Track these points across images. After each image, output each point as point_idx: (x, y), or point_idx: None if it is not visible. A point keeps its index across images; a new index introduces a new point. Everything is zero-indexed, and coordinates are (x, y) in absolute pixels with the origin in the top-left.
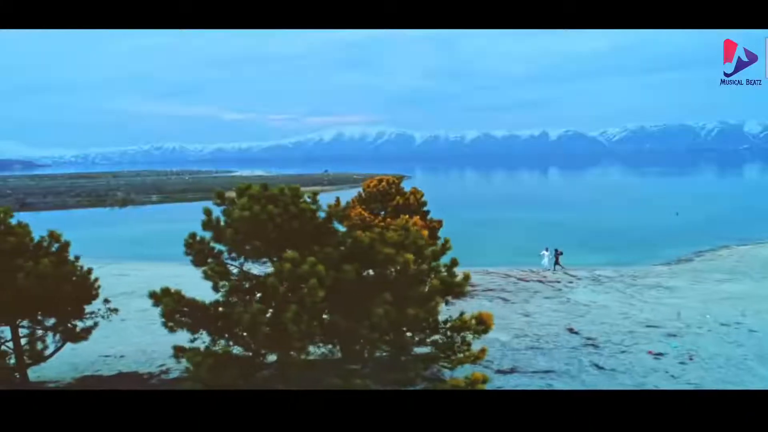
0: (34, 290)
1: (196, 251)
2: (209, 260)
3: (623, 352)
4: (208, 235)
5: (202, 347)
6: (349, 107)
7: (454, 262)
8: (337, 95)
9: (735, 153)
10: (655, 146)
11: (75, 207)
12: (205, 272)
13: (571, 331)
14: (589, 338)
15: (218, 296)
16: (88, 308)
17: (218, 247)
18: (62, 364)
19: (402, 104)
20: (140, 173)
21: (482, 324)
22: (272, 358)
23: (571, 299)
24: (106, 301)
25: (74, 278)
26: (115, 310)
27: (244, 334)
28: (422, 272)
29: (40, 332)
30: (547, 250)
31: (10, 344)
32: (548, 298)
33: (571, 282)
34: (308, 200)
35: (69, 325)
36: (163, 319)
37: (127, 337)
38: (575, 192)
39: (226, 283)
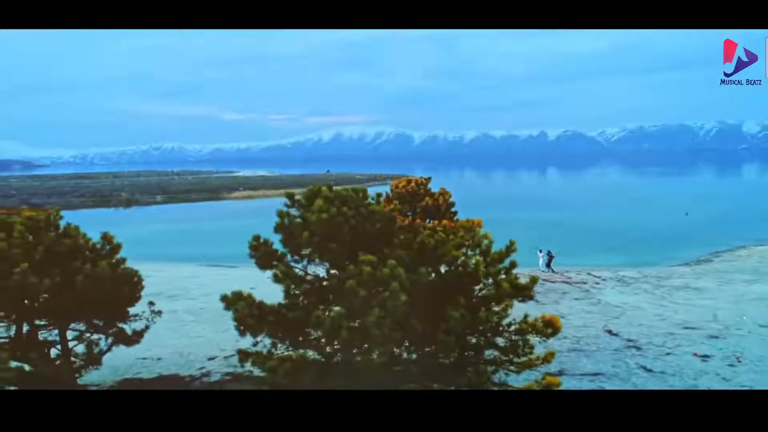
0: (91, 293)
1: (262, 254)
2: (274, 263)
3: (668, 354)
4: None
5: (263, 351)
6: (348, 107)
7: (513, 264)
8: (336, 95)
9: (734, 153)
10: (654, 146)
11: (79, 207)
12: (275, 275)
13: (609, 332)
14: (629, 340)
15: (282, 299)
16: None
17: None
18: (102, 367)
19: (401, 104)
20: (141, 173)
21: (550, 326)
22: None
23: (602, 300)
24: (151, 303)
25: (127, 280)
26: (159, 313)
27: (311, 337)
28: (489, 274)
29: (90, 335)
30: (541, 251)
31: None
32: (578, 300)
33: (597, 283)
34: (372, 201)
35: (117, 327)
36: (235, 323)
37: (161, 339)
38: (579, 192)
39: (293, 285)
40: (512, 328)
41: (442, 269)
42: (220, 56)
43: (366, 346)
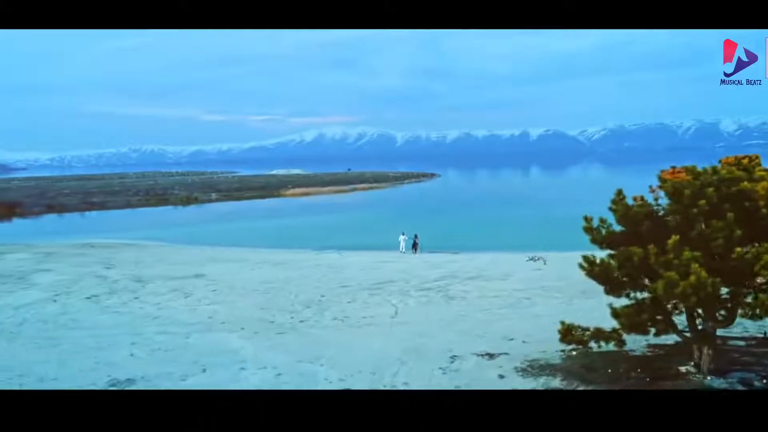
0: None
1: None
2: None
3: None
4: None
5: None
6: (330, 108)
7: None
8: (318, 96)
9: (713, 151)
10: (634, 144)
11: (140, 206)
12: None
13: None
14: None
15: None
16: None
17: None
18: None
19: (384, 104)
20: (146, 174)
21: None
22: None
23: None
24: None
25: None
26: None
27: None
28: None
29: None
30: (403, 234)
31: None
32: None
33: None
34: None
35: None
36: None
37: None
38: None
39: None
40: None
41: None
42: (200, 57)
43: None
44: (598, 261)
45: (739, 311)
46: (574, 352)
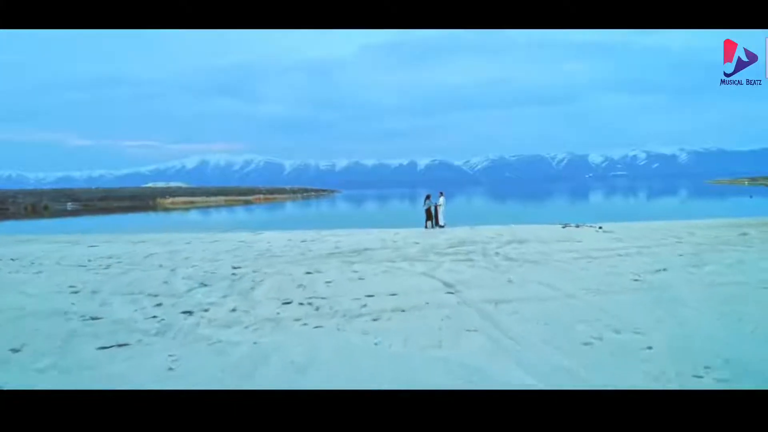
0: None
1: None
2: None
3: None
4: None
5: None
6: (213, 135)
7: None
8: (200, 122)
9: (583, 180)
10: (514, 175)
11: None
12: None
13: None
14: None
15: None
16: None
17: None
18: None
19: (270, 133)
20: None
21: None
22: None
23: None
24: None
25: None
26: None
27: None
28: None
29: None
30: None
31: None
32: None
33: None
34: None
35: None
36: None
37: None
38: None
39: None
40: None
41: None
42: (68, 79)
43: None
44: None
45: None
46: None
